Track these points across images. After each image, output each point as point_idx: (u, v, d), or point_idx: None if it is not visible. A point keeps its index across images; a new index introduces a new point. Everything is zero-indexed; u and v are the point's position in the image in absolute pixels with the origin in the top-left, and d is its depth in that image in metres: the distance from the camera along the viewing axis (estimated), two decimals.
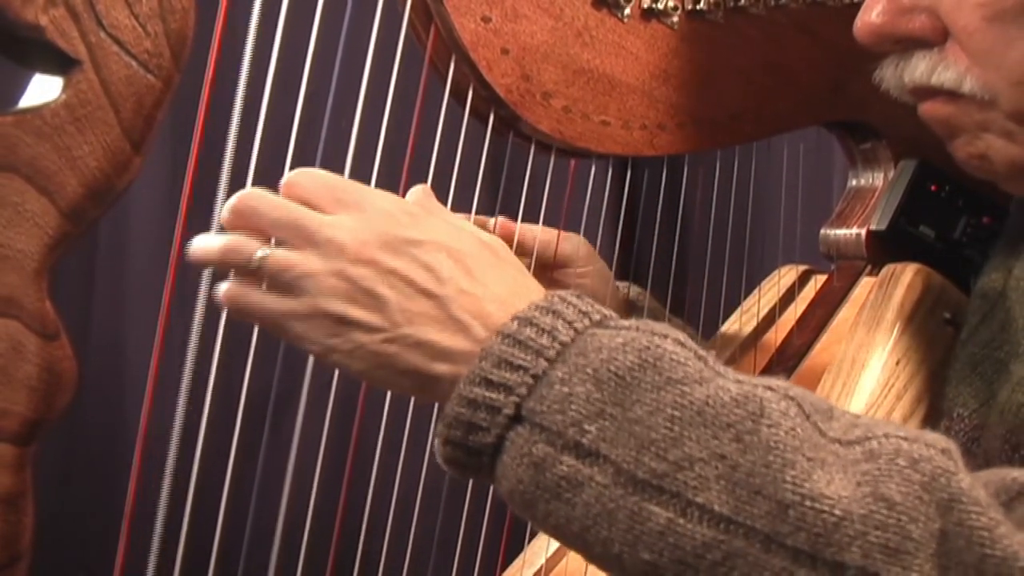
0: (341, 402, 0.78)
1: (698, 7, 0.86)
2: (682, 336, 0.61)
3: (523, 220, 0.89)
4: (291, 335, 0.63)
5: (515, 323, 0.60)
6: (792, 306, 0.99)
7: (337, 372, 0.77)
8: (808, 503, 0.53)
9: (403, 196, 0.70)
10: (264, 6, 0.66)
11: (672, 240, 0.98)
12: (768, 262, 1.05)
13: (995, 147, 0.74)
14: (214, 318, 0.67)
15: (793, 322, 0.97)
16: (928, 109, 0.77)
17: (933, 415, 0.82)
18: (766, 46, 0.90)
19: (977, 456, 0.75)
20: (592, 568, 0.61)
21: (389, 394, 0.80)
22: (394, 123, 0.75)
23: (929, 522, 0.53)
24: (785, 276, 1.03)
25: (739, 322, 1.01)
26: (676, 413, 0.56)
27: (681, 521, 0.55)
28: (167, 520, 0.65)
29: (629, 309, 1.00)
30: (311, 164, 0.72)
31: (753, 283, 1.03)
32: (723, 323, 1.02)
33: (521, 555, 0.93)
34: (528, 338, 0.60)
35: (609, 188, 0.91)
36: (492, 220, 0.89)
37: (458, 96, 0.79)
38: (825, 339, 0.93)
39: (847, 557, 0.52)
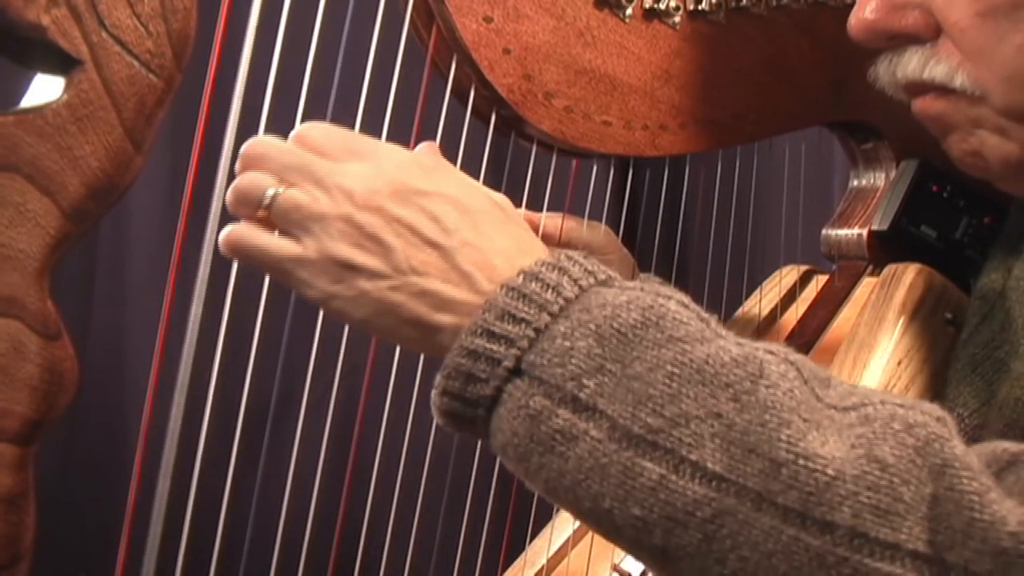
0: (342, 402, 0.78)
1: (700, 7, 0.86)
2: (686, 298, 0.61)
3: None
4: (293, 280, 0.63)
5: (520, 277, 0.60)
6: (793, 306, 0.99)
7: (338, 372, 0.77)
8: (801, 462, 0.53)
9: None
10: (265, 6, 0.66)
11: (673, 240, 0.98)
12: (769, 262, 1.05)
13: (989, 144, 0.74)
14: (215, 318, 0.67)
15: (794, 322, 0.97)
16: (921, 105, 0.77)
17: None
18: (767, 46, 0.90)
19: None
20: (592, 568, 0.61)
21: (390, 395, 0.80)
22: (396, 123, 0.75)
23: (921, 485, 0.53)
24: (786, 276, 1.03)
25: (740, 322, 1.01)
26: (675, 370, 0.56)
27: (673, 477, 0.55)
28: (167, 521, 0.65)
29: None
30: None
31: (754, 283, 1.03)
32: (724, 323, 1.02)
33: (522, 555, 0.93)
34: (533, 292, 0.60)
35: (611, 188, 0.91)
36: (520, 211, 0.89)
37: (460, 96, 0.79)
38: (826, 339, 0.93)
39: (837, 516, 0.52)
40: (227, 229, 0.64)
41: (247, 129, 0.67)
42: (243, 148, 0.64)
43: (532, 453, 0.58)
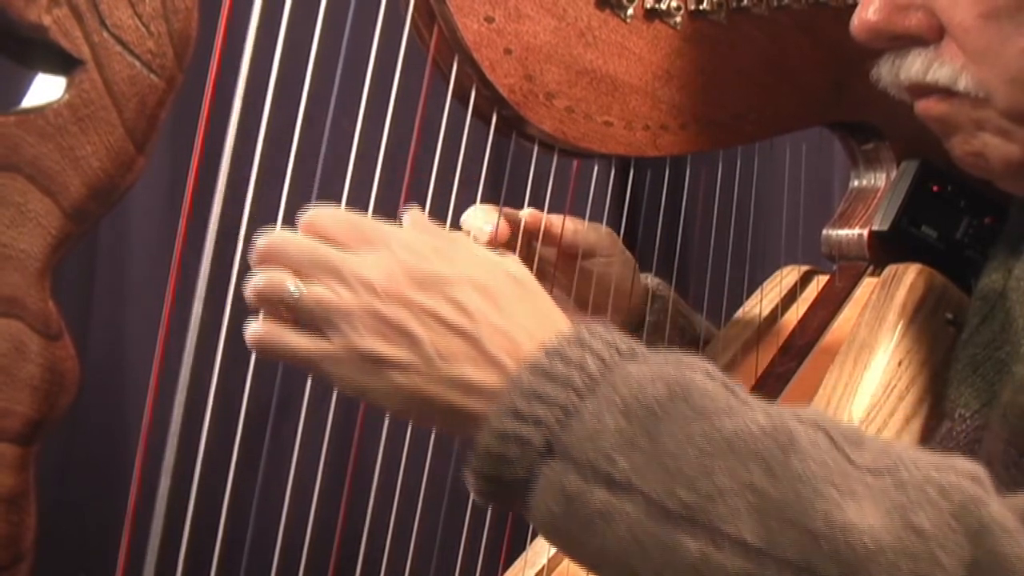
0: (343, 402, 0.78)
1: (701, 7, 0.86)
2: (710, 367, 0.61)
3: None
4: (323, 375, 0.64)
5: (543, 356, 0.60)
6: (794, 307, 0.99)
7: None
8: (839, 534, 0.53)
9: (404, 194, 0.70)
10: (266, 6, 0.66)
11: (674, 240, 0.98)
12: (770, 262, 1.05)
13: (991, 145, 0.74)
14: (215, 321, 0.67)
15: (795, 323, 0.97)
16: (924, 107, 0.77)
17: (935, 416, 0.82)
18: (768, 46, 0.89)
19: (979, 457, 0.75)
20: None
21: None
22: (397, 123, 0.74)
23: (960, 550, 0.53)
24: (787, 277, 1.03)
25: (741, 323, 1.01)
26: (706, 445, 0.56)
27: (713, 552, 0.55)
28: (168, 522, 0.65)
29: (651, 299, 1.00)
30: (313, 165, 0.72)
31: (755, 284, 1.03)
32: (725, 323, 1.02)
33: (523, 555, 0.93)
34: (557, 371, 0.60)
35: (611, 189, 0.91)
36: (522, 213, 0.89)
37: (461, 96, 0.79)
38: (827, 339, 0.93)
39: None
40: (252, 327, 0.64)
41: (248, 129, 0.67)
42: (257, 245, 0.64)
43: (571, 532, 0.58)
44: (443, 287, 0.63)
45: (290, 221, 0.68)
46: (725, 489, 0.55)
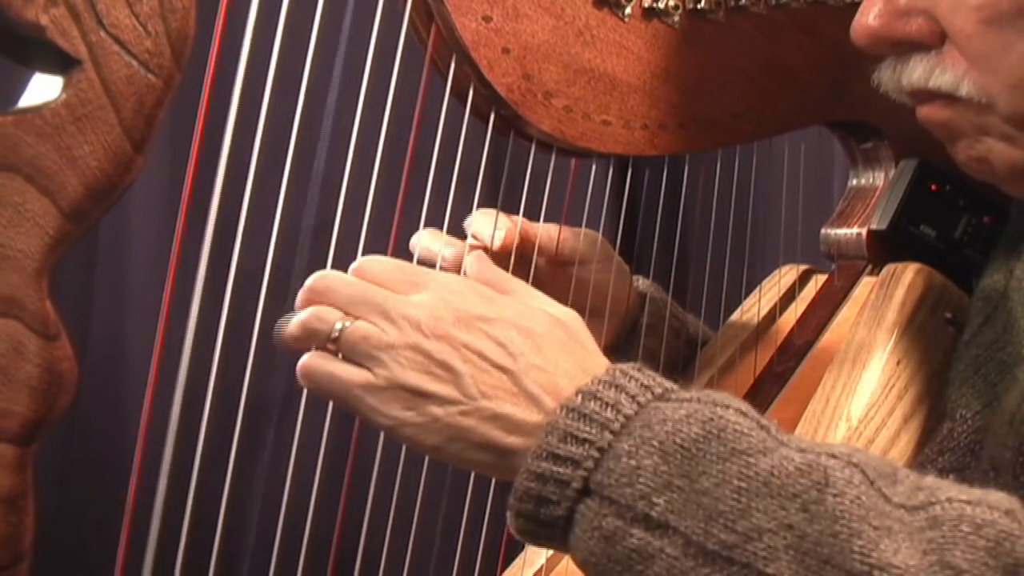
0: None
1: (699, 6, 0.86)
2: (744, 405, 0.62)
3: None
4: (364, 407, 0.65)
5: (579, 397, 0.62)
6: (793, 306, 0.99)
7: None
8: (876, 573, 0.54)
9: (402, 194, 0.70)
10: (264, 5, 0.66)
11: (673, 240, 0.98)
12: (769, 262, 1.05)
13: (996, 150, 0.74)
14: (213, 319, 0.67)
15: (794, 322, 0.97)
16: (926, 113, 0.77)
17: (934, 415, 0.82)
18: (767, 45, 0.89)
19: (982, 459, 0.75)
20: None
21: None
22: (395, 122, 0.74)
23: None
24: (786, 276, 1.03)
25: (739, 322, 1.01)
26: (742, 484, 0.57)
27: None
28: (167, 521, 0.65)
29: (643, 301, 1.01)
30: (312, 164, 0.72)
31: (754, 283, 1.03)
32: (723, 323, 1.02)
33: (521, 555, 0.93)
34: (592, 411, 0.61)
35: (610, 188, 0.91)
36: (517, 219, 0.89)
37: (459, 95, 0.79)
38: (826, 339, 0.93)
39: None
40: (302, 361, 0.66)
41: (246, 128, 0.67)
42: (307, 282, 0.67)
43: (611, 570, 0.59)
44: (485, 326, 0.65)
45: (288, 218, 0.68)
46: (763, 528, 0.56)
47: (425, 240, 0.88)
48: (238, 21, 0.66)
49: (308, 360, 0.66)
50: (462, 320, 0.65)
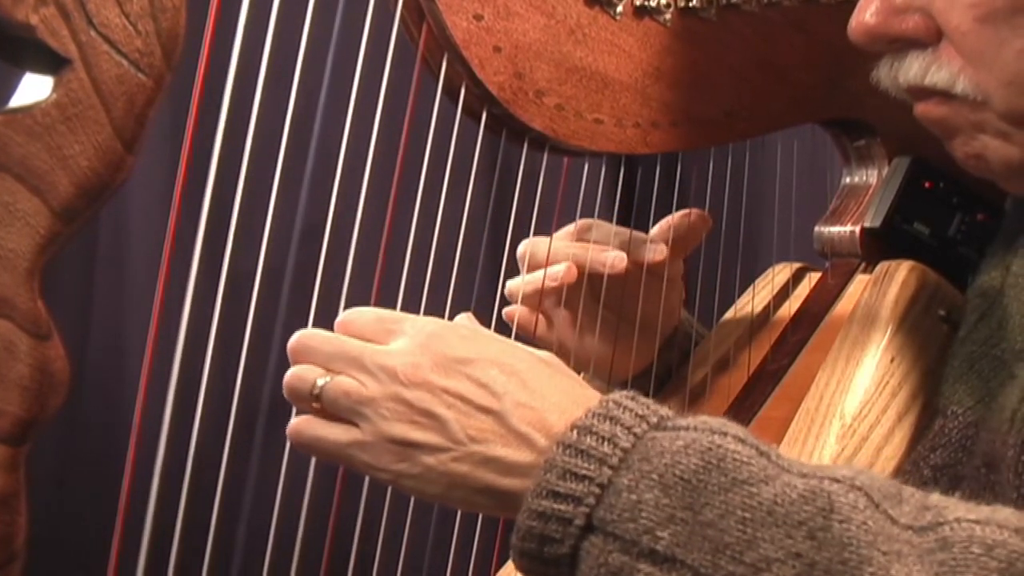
0: None
1: (690, 4, 0.86)
2: (741, 431, 0.61)
3: (516, 219, 0.89)
4: (359, 465, 0.65)
5: (574, 432, 0.61)
6: (786, 304, 0.99)
7: None
8: None
9: (394, 193, 0.70)
10: (255, 4, 0.66)
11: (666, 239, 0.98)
12: (762, 260, 1.05)
13: (991, 147, 0.74)
14: (207, 318, 0.67)
15: (787, 320, 0.97)
16: (923, 110, 0.77)
17: (928, 413, 0.82)
18: (759, 43, 0.89)
19: (974, 455, 0.75)
20: None
21: None
22: (386, 121, 0.74)
23: None
24: (779, 274, 1.03)
25: (733, 320, 1.01)
26: (747, 515, 0.57)
27: None
28: (160, 520, 0.65)
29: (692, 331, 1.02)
30: (303, 164, 0.72)
31: (747, 281, 1.03)
32: (717, 321, 1.02)
33: None
34: (589, 447, 0.60)
35: (603, 187, 0.91)
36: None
37: (451, 94, 0.79)
38: (819, 337, 0.93)
39: None
40: (289, 424, 0.67)
41: (238, 128, 0.67)
42: (290, 343, 0.67)
43: None
44: (466, 368, 0.64)
45: (279, 219, 0.68)
46: (771, 559, 0.56)
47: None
48: (229, 20, 0.66)
49: (295, 425, 0.67)
50: (439, 364, 0.64)
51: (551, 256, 0.90)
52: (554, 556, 0.60)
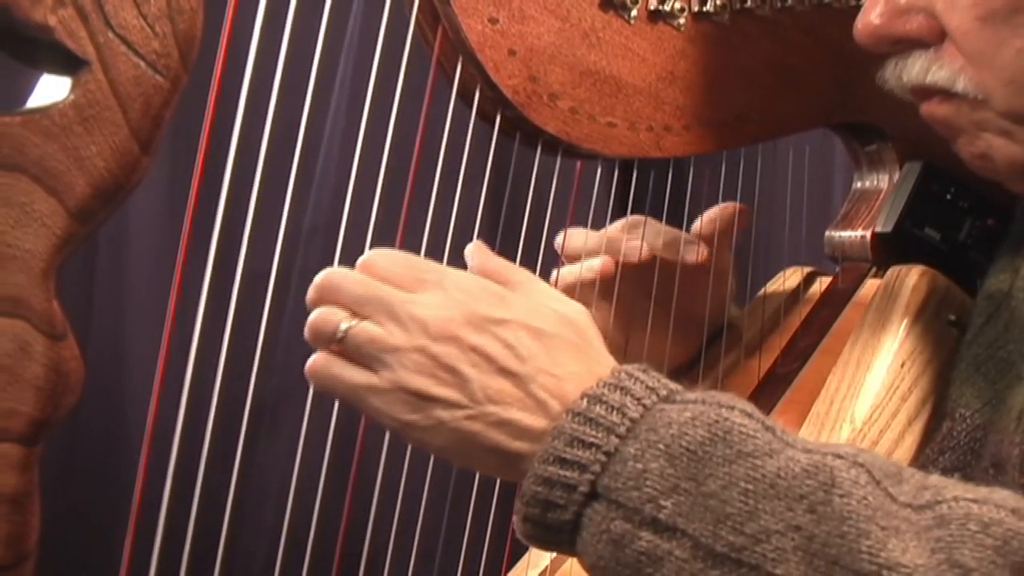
0: None
1: (704, 9, 0.86)
2: (749, 406, 0.62)
3: (528, 221, 0.89)
4: (369, 408, 0.65)
5: (584, 401, 0.61)
6: (797, 308, 0.99)
7: None
8: (885, 573, 0.54)
9: (408, 195, 0.70)
10: (271, 7, 0.66)
11: None
12: (773, 264, 1.05)
13: (995, 146, 0.75)
14: (219, 319, 0.67)
15: (798, 324, 0.97)
16: (927, 109, 0.78)
17: (938, 417, 0.82)
18: (772, 48, 0.90)
19: (982, 457, 0.75)
20: None
21: None
22: (401, 124, 0.75)
23: None
24: (790, 278, 1.03)
25: (744, 324, 1.01)
26: (749, 486, 0.57)
27: None
28: (172, 521, 0.65)
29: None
30: (316, 165, 0.72)
31: (758, 285, 1.03)
32: (727, 325, 1.02)
33: (526, 555, 0.93)
34: (598, 415, 0.61)
35: (614, 190, 0.91)
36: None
37: (465, 97, 0.79)
38: (830, 341, 0.93)
39: None
40: (309, 360, 0.66)
41: (253, 129, 0.67)
42: (316, 280, 0.66)
43: (620, 575, 0.59)
44: (495, 328, 0.64)
45: (293, 221, 0.68)
46: (771, 530, 0.56)
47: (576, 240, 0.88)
48: (245, 22, 0.66)
49: (314, 362, 0.66)
50: (471, 322, 0.64)
51: (586, 248, 0.90)
52: (557, 522, 0.61)
